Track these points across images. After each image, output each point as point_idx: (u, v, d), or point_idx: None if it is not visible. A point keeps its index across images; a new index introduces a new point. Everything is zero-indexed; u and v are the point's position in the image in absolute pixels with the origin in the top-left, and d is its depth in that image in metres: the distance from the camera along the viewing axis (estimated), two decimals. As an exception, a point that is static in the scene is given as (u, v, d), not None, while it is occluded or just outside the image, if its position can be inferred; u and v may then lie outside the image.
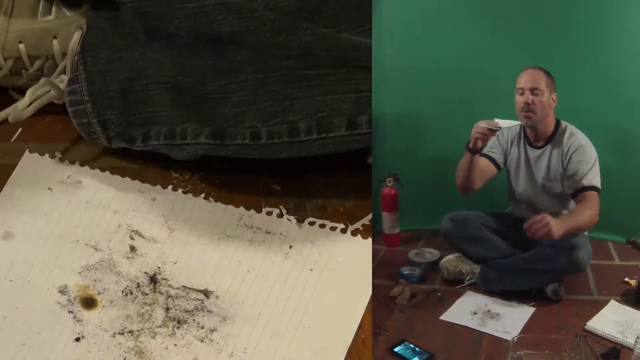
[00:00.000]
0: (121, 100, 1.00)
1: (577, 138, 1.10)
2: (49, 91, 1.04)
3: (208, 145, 0.98)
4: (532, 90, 1.08)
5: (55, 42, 1.06)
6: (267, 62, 0.97)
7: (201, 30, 0.98)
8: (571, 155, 1.09)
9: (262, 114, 0.96)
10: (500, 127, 1.06)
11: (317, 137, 0.96)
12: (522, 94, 1.09)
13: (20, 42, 1.05)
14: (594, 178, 1.08)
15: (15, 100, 1.07)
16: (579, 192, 1.09)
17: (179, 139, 0.98)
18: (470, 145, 1.08)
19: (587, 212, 1.07)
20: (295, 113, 0.95)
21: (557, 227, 1.02)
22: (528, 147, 1.13)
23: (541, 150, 1.12)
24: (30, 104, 1.04)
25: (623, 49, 1.18)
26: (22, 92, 1.06)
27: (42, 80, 1.05)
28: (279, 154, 0.97)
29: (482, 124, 1.06)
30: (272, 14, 0.97)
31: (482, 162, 1.13)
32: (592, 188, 1.08)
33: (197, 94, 0.98)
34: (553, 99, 1.10)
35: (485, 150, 1.12)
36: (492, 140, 1.12)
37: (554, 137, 1.11)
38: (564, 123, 1.11)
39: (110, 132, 1.00)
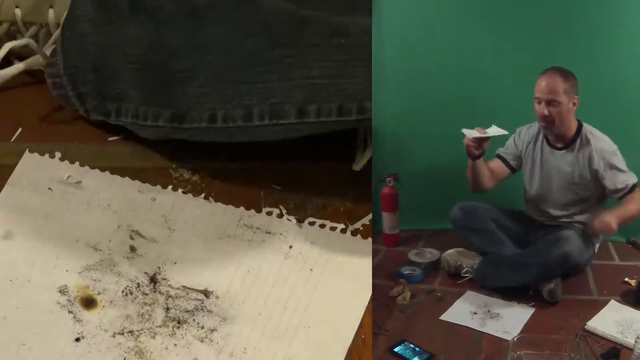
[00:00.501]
0: (94, 75, 1.01)
1: (603, 145, 1.08)
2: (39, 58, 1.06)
3: (167, 128, 0.98)
4: (549, 102, 1.06)
5: (51, 11, 1.07)
6: (233, 40, 0.95)
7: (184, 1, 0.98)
8: (603, 165, 1.07)
9: (221, 97, 0.95)
10: (475, 137, 1.05)
11: (268, 123, 0.95)
12: (539, 103, 1.07)
13: (17, 6, 1.06)
14: (629, 178, 1.07)
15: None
16: (625, 195, 1.08)
17: (141, 120, 1.00)
18: (467, 152, 1.07)
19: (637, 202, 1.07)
20: (251, 97, 0.95)
21: (614, 221, 1.04)
22: (547, 148, 1.11)
23: (562, 152, 1.10)
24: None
25: (623, 49, 1.18)
26: (16, 56, 1.08)
27: (25, 39, 1.05)
28: (233, 138, 0.96)
29: (470, 134, 1.05)
30: None
31: (495, 163, 1.12)
32: (634, 187, 1.07)
33: (166, 73, 0.98)
34: (574, 103, 1.07)
35: (500, 151, 1.12)
36: (509, 141, 1.12)
37: (576, 140, 1.09)
38: (586, 126, 1.09)
39: (88, 105, 1.03)
